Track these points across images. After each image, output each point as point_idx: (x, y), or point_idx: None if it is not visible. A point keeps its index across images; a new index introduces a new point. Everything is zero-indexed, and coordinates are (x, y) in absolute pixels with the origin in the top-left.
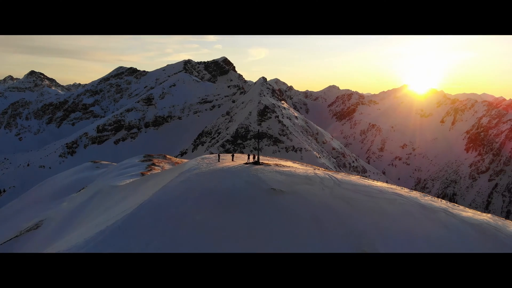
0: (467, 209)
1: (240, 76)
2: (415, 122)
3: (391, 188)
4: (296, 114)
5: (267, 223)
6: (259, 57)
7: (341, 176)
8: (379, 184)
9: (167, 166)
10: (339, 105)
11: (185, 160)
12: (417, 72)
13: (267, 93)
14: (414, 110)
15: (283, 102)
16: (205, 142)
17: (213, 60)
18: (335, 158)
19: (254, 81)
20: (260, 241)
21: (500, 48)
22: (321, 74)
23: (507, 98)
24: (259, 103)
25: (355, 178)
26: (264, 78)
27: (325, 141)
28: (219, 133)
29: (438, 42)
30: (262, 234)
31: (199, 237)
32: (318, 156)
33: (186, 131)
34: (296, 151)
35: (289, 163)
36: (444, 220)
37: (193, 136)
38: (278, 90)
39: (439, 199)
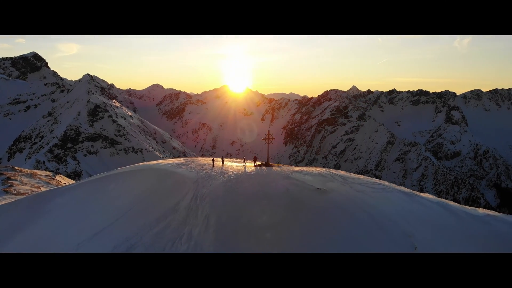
0: (418, 192)
1: (55, 73)
2: (239, 120)
3: (372, 179)
4: (130, 114)
5: (338, 223)
6: (70, 52)
7: (335, 172)
8: (361, 176)
9: (26, 180)
10: (168, 104)
11: (42, 171)
12: (233, 73)
13: (96, 91)
14: (238, 109)
15: (114, 101)
16: (24, 149)
17: (22, 55)
18: (177, 158)
19: (69, 78)
20: (342, 241)
21: (301, 53)
22: (142, 72)
23: (310, 96)
24: (88, 102)
25: (344, 173)
26: (89, 75)
27: (164, 141)
28: (42, 137)
29: (248, 44)
30: (339, 234)
31: (299, 243)
32: (161, 156)
33: None
34: (136, 152)
35: (282, 164)
36: (421, 201)
37: (7, 142)
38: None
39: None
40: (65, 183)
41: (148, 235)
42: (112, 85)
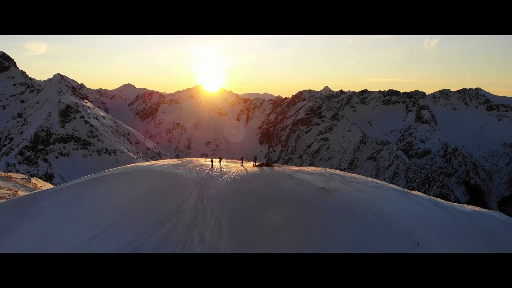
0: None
1: (24, 73)
2: (214, 120)
3: (365, 177)
4: (103, 114)
5: (347, 222)
6: (38, 52)
7: (332, 171)
8: (356, 175)
9: (1, 183)
10: (141, 104)
11: (17, 174)
12: (206, 73)
13: (67, 91)
14: (212, 109)
15: (86, 101)
16: None
17: None
18: (151, 158)
19: (38, 78)
20: (352, 239)
21: (274, 53)
22: (113, 71)
23: (284, 96)
24: (59, 102)
25: (341, 172)
26: (60, 75)
27: (138, 141)
28: (11, 139)
29: (220, 44)
30: (349, 233)
31: (314, 243)
32: (135, 157)
33: None
34: (110, 153)
35: (281, 164)
36: (415, 199)
37: None
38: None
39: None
40: (41, 186)
41: (153, 238)
42: (82, 85)
